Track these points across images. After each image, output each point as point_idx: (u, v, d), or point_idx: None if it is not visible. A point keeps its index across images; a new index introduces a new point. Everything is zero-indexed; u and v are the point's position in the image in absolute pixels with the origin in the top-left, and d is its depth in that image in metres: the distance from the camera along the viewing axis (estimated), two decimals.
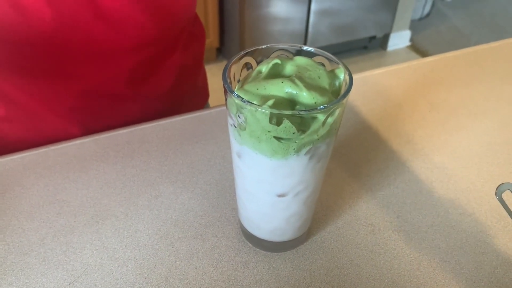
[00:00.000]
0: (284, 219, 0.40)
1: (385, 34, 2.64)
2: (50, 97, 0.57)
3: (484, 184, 0.52)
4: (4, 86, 0.55)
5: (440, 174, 0.53)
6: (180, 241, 0.45)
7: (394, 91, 0.67)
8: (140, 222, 0.47)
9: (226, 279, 0.42)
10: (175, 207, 0.48)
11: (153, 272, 0.42)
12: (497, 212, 0.48)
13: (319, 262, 0.43)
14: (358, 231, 0.46)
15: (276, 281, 0.42)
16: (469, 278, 0.42)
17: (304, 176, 0.36)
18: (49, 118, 0.59)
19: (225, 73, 0.34)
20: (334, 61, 0.36)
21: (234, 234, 0.46)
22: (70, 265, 0.42)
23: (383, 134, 0.59)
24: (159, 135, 0.57)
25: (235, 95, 0.31)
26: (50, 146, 0.55)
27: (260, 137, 0.32)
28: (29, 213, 0.47)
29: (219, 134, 0.58)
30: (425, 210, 0.49)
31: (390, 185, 0.52)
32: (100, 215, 0.47)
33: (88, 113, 0.60)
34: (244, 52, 0.36)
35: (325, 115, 0.31)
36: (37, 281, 0.41)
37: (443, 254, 0.44)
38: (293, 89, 0.32)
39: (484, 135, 0.59)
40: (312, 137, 0.32)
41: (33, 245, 0.44)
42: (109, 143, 0.56)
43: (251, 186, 0.38)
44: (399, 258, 0.44)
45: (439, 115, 0.62)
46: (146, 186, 0.51)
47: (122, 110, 0.62)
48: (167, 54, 0.62)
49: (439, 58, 0.75)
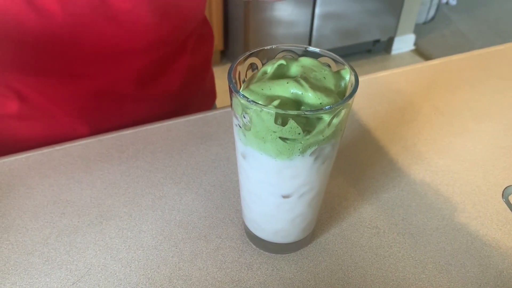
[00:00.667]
0: (288, 221, 0.40)
1: (390, 38, 2.64)
2: (60, 96, 0.57)
3: (489, 188, 0.52)
4: (16, 84, 0.55)
5: (445, 177, 0.53)
6: (183, 242, 0.45)
7: (399, 93, 0.67)
8: (144, 223, 0.47)
9: (229, 281, 0.41)
10: (179, 208, 0.48)
11: (156, 273, 0.42)
12: (503, 216, 0.48)
13: (323, 264, 0.43)
14: (362, 233, 0.46)
15: (280, 283, 0.41)
16: (475, 282, 0.42)
17: (309, 177, 0.36)
18: (59, 117, 0.59)
19: (230, 73, 0.34)
20: (340, 62, 0.36)
21: (238, 236, 0.46)
22: (74, 265, 0.42)
23: (388, 137, 0.59)
24: (163, 136, 0.57)
25: (241, 95, 0.31)
26: (55, 147, 0.55)
27: (265, 138, 0.32)
28: (33, 213, 0.47)
29: (223, 135, 0.58)
30: (430, 213, 0.48)
31: (395, 188, 0.51)
32: (104, 215, 0.47)
33: (97, 113, 0.61)
34: (250, 53, 0.36)
35: (331, 115, 0.31)
36: (41, 281, 0.41)
37: (448, 257, 0.44)
38: (299, 89, 0.32)
39: (489, 138, 0.59)
40: (317, 138, 0.32)
41: (37, 245, 0.44)
42: (113, 144, 0.56)
43: (256, 187, 0.38)
44: (404, 261, 0.44)
45: (444, 118, 0.62)
46: (150, 187, 0.50)
47: (130, 111, 0.63)
48: (176, 55, 0.62)
49: (444, 61, 0.75)
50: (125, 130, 0.58)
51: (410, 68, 0.73)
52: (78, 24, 0.49)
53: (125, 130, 0.58)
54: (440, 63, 0.75)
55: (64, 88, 0.56)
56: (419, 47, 2.76)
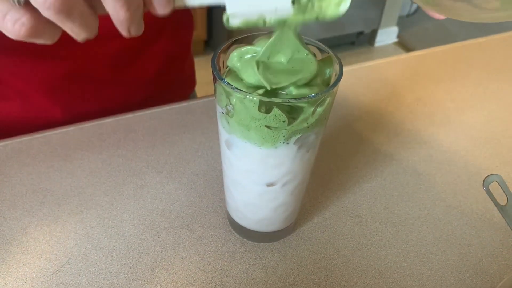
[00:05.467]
0: (271, 210, 0.40)
1: (373, 30, 2.65)
2: (34, 77, 0.56)
3: (470, 177, 0.52)
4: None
5: (427, 167, 0.53)
6: (166, 231, 0.44)
7: (383, 84, 0.67)
8: (126, 212, 0.46)
9: (212, 269, 0.41)
10: (161, 197, 0.48)
11: (138, 262, 0.41)
12: (483, 205, 0.49)
13: (306, 253, 0.43)
14: (345, 222, 0.46)
15: (263, 271, 0.41)
16: (455, 269, 0.42)
17: (293, 166, 0.36)
18: (33, 98, 0.58)
19: (214, 60, 0.33)
20: (324, 51, 0.35)
21: (221, 225, 0.45)
22: (54, 254, 0.42)
23: (371, 127, 0.59)
24: (145, 125, 0.57)
25: (224, 82, 0.31)
26: (34, 134, 0.54)
27: (249, 125, 0.32)
28: (11, 202, 0.46)
29: (207, 124, 0.57)
30: (412, 202, 0.49)
31: (378, 177, 0.52)
32: (84, 204, 0.46)
33: (71, 95, 0.60)
34: (233, 40, 0.35)
35: (315, 104, 0.31)
36: (19, 271, 0.40)
37: (429, 245, 0.44)
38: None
39: (471, 129, 0.59)
40: (301, 126, 0.32)
41: (16, 234, 0.43)
42: (94, 132, 0.55)
43: (239, 175, 0.38)
44: (386, 249, 0.44)
45: (427, 109, 0.63)
46: (132, 176, 0.50)
47: (105, 95, 0.62)
48: (153, 40, 0.61)
49: (427, 53, 0.75)
50: (106, 118, 0.57)
51: (394, 59, 0.73)
52: None
53: (106, 118, 0.57)
54: (424, 54, 0.75)
55: (38, 68, 0.55)
56: (402, 39, 2.77)
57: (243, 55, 0.33)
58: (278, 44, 0.32)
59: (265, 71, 0.31)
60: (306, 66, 0.32)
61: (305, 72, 0.32)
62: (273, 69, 0.32)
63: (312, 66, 0.32)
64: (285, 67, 0.32)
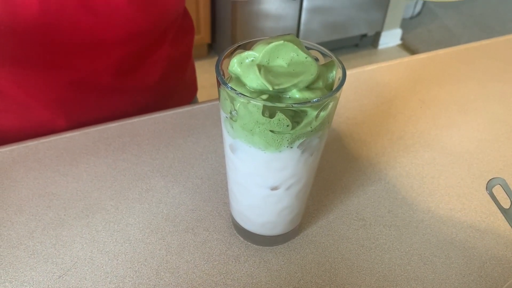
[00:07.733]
0: (275, 213, 0.40)
1: (376, 32, 2.65)
2: (37, 87, 0.56)
3: (474, 180, 0.52)
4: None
5: (431, 170, 0.53)
6: (171, 235, 0.45)
7: (386, 87, 0.67)
8: (131, 216, 0.46)
9: (217, 273, 0.41)
10: (166, 201, 0.48)
11: (143, 266, 0.42)
12: (487, 208, 0.49)
13: (310, 256, 0.43)
14: (349, 225, 0.47)
15: (267, 275, 0.42)
16: (459, 273, 0.43)
17: (297, 169, 0.36)
18: (35, 109, 0.58)
19: (218, 65, 0.33)
20: (327, 55, 0.36)
21: (226, 228, 0.46)
22: (60, 258, 0.42)
23: (375, 130, 0.59)
24: (150, 129, 0.57)
25: (228, 87, 0.31)
26: (40, 139, 0.54)
27: (253, 130, 0.32)
28: (18, 207, 0.47)
29: (211, 128, 0.58)
30: (415, 205, 0.49)
31: (381, 180, 0.52)
32: (90, 208, 0.47)
33: (75, 104, 0.60)
34: (237, 45, 0.36)
35: (319, 108, 0.31)
36: (26, 275, 0.41)
37: (433, 248, 0.45)
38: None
39: (474, 132, 0.60)
40: (305, 130, 0.32)
41: (22, 239, 0.44)
42: (99, 137, 0.55)
43: (244, 179, 0.38)
44: (390, 253, 0.44)
45: (430, 112, 0.63)
46: (137, 180, 0.50)
47: (109, 102, 0.62)
48: (155, 47, 0.62)
49: (430, 56, 0.76)
50: (111, 123, 0.57)
51: (397, 62, 0.73)
52: (55, 13, 0.48)
53: (111, 123, 0.57)
54: (427, 57, 0.75)
55: (41, 79, 0.55)
56: (406, 41, 2.77)
57: (243, 60, 0.33)
58: (275, 51, 0.32)
59: (267, 74, 0.32)
60: (307, 68, 0.32)
61: (306, 74, 0.32)
62: (274, 72, 0.32)
63: (312, 68, 0.32)
64: (286, 69, 0.32)
